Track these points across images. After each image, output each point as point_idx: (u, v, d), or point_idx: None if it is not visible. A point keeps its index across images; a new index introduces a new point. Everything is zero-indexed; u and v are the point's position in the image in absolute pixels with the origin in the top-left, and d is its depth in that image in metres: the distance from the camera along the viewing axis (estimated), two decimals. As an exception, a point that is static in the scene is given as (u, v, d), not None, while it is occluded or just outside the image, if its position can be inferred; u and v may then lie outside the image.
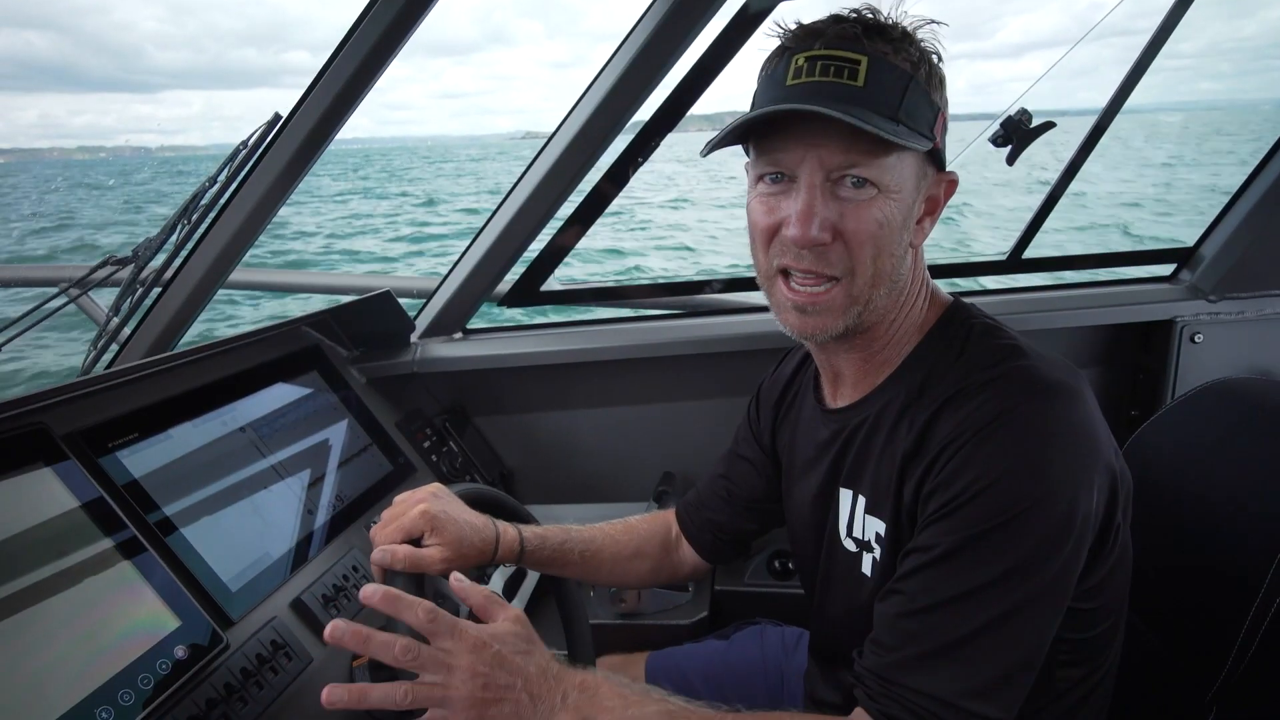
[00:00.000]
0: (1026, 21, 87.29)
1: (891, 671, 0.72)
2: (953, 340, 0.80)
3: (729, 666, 1.24)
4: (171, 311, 1.45)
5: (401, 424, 1.56)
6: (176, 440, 1.10)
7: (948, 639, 0.69)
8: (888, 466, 0.80)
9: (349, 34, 1.23)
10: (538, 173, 1.51)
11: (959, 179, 0.82)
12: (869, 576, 0.83)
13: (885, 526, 0.80)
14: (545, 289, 1.71)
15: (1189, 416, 1.01)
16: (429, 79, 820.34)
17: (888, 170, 0.72)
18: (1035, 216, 1.60)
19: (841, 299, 0.76)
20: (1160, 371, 1.48)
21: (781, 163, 0.75)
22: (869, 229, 0.73)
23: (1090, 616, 0.77)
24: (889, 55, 0.72)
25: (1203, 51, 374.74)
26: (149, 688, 0.81)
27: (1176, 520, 0.95)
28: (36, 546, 0.82)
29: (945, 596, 0.69)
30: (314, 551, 1.17)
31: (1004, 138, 1.37)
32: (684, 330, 1.66)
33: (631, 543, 1.13)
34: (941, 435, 0.73)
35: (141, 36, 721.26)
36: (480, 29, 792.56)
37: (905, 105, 0.72)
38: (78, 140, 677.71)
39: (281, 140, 1.30)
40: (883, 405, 0.82)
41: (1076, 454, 0.69)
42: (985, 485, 0.68)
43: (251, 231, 1.40)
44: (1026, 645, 0.69)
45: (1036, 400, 0.70)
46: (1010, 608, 0.67)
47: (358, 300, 1.52)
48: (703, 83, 1.45)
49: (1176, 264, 1.59)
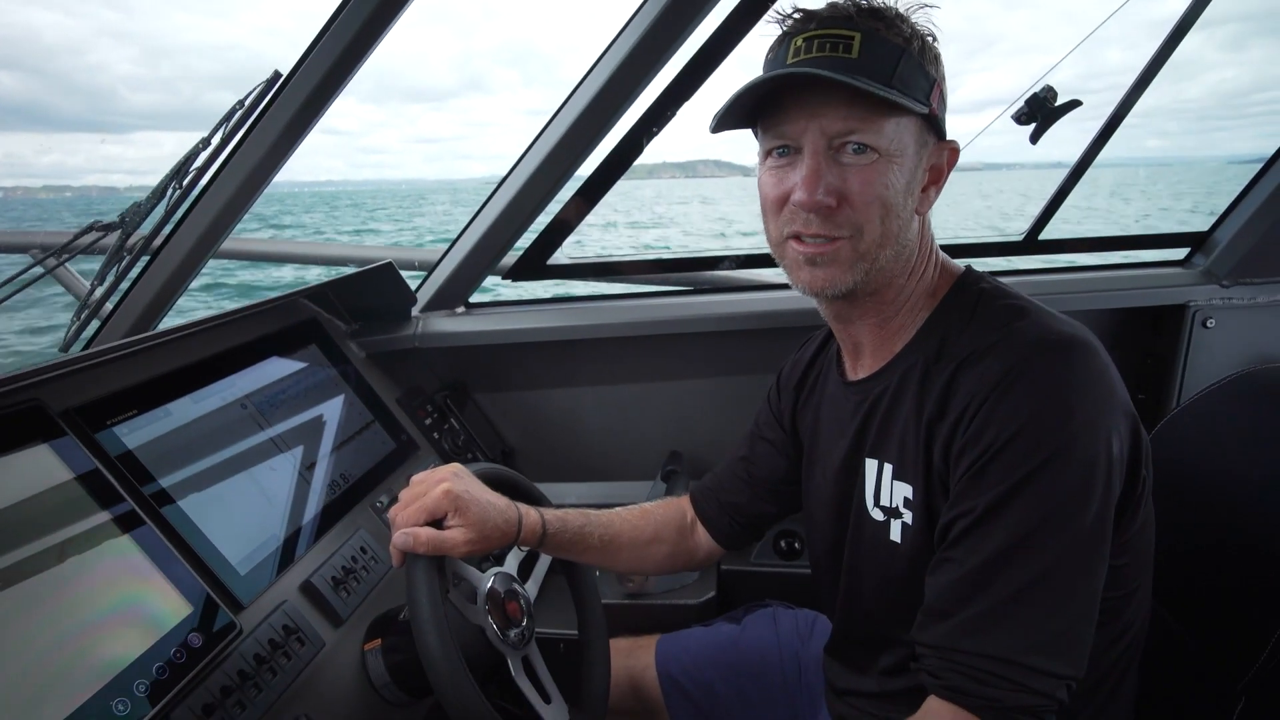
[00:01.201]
0: (986, 80, 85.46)
1: (951, 639, 0.72)
2: (965, 305, 0.82)
3: (741, 653, 1.23)
4: (159, 283, 1.39)
5: (402, 400, 1.52)
6: (175, 415, 1.05)
7: (1001, 596, 0.70)
8: (913, 431, 0.81)
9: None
10: (546, 144, 1.46)
11: (960, 148, 0.85)
12: (899, 544, 0.84)
13: (914, 490, 0.81)
14: (552, 263, 1.66)
15: (1218, 405, 1.01)
16: (405, 124, 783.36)
17: (887, 135, 0.75)
18: (1052, 199, 1.58)
19: (849, 252, 0.78)
20: (1171, 356, 1.49)
21: (786, 134, 0.78)
22: (874, 190, 0.76)
23: (1118, 575, 0.78)
24: (881, 30, 0.75)
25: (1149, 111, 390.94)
26: (165, 676, 0.77)
27: (1205, 509, 0.95)
28: (38, 526, 0.78)
29: (990, 553, 0.70)
30: (320, 532, 1.13)
31: (1028, 115, 1.35)
32: (691, 308, 1.63)
33: (649, 528, 1.12)
34: (963, 395, 0.75)
35: (115, 78, 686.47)
36: (458, 76, 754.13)
37: (899, 73, 0.75)
38: (44, 179, 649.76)
39: (281, 100, 1.23)
40: (903, 372, 0.84)
41: (1095, 400, 0.70)
42: (1009, 438, 0.70)
43: (247, 197, 1.33)
44: (1080, 594, 0.69)
45: (1049, 353, 0.72)
46: (1056, 556, 0.68)
47: (358, 272, 1.47)
48: (717, 57, 1.40)
49: (1190, 248, 1.59)
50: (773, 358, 1.13)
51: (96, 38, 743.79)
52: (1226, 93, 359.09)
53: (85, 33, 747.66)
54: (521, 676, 0.93)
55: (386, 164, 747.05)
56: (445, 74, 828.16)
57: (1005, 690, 0.69)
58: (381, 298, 1.56)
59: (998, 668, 0.69)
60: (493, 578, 0.97)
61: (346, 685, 0.99)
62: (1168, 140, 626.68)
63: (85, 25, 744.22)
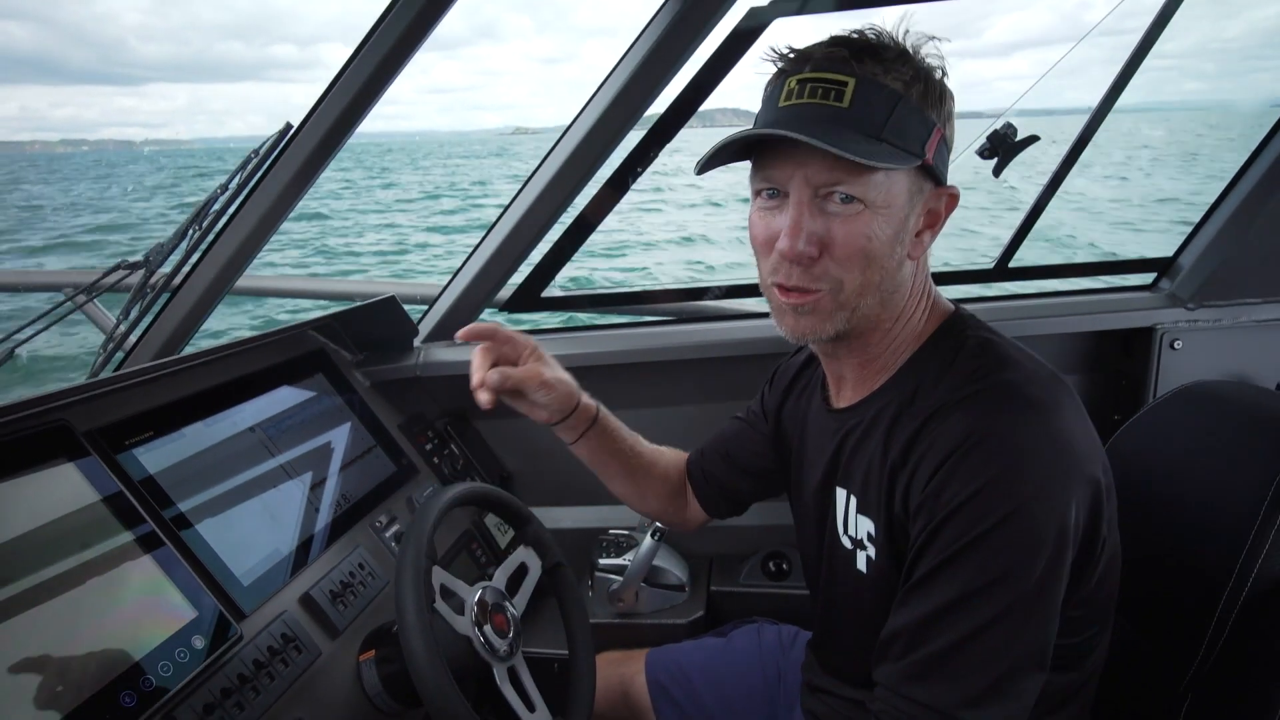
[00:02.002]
0: (1015, 20, 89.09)
1: (894, 682, 0.75)
2: (945, 352, 0.83)
3: (727, 663, 1.27)
4: (179, 318, 1.48)
5: (404, 426, 1.59)
6: (189, 439, 1.13)
7: (937, 649, 0.72)
8: (877, 472, 0.83)
9: (359, 48, 1.27)
10: (541, 180, 1.55)
11: (960, 193, 0.84)
12: (864, 573, 0.87)
13: (877, 528, 0.84)
14: (546, 295, 1.75)
15: (1164, 419, 1.06)
16: (417, 73, 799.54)
17: (874, 187, 0.75)
18: (1021, 226, 1.65)
19: (829, 304, 0.79)
20: (1142, 377, 1.53)
21: (774, 179, 0.79)
22: (857, 243, 0.76)
23: (1077, 624, 0.80)
24: (879, 76, 0.74)
25: (1187, 52, 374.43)
26: (168, 675, 0.84)
27: (1151, 517, 0.99)
28: (60, 539, 0.85)
29: (934, 607, 0.73)
30: (322, 549, 1.20)
31: (990, 150, 1.43)
32: (684, 336, 1.69)
33: (662, 464, 1.22)
34: (925, 450, 0.76)
35: (124, 28, 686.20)
36: (469, 23, 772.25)
37: (891, 124, 0.74)
38: (60, 134, 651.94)
39: (291, 150, 1.34)
40: (876, 411, 0.86)
41: (1051, 467, 0.71)
42: (962, 502, 0.71)
43: (260, 238, 1.43)
44: (1016, 653, 0.71)
45: (1010, 416, 0.73)
46: (993, 616, 0.70)
47: (362, 305, 1.56)
48: (701, 94, 1.50)
49: (1156, 273, 1.65)
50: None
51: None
52: (1270, 30, 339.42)
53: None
54: (506, 685, 0.98)
55: (400, 115, 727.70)
56: (456, 20, 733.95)
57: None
58: (385, 329, 1.64)
59: (933, 717, 0.72)
60: (481, 590, 1.03)
61: (341, 693, 1.04)
62: (1205, 83, 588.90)
63: None
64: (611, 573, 1.57)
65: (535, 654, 1.47)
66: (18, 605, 0.78)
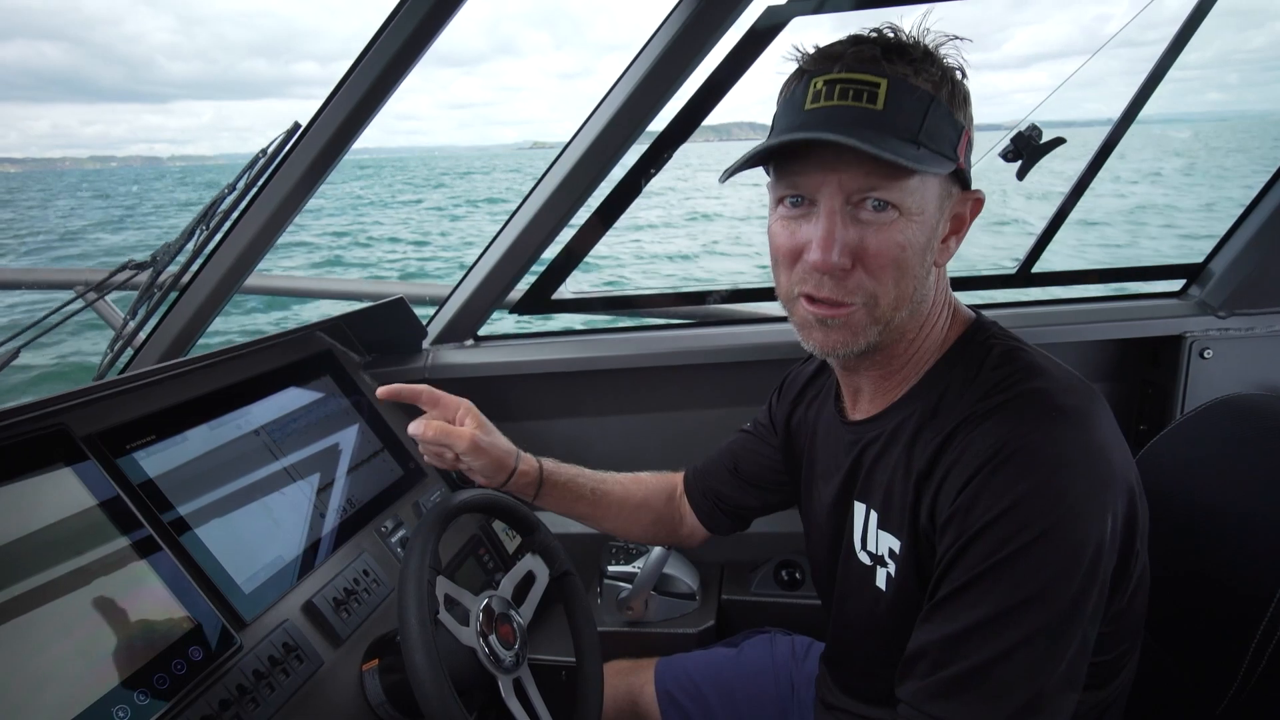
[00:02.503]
0: (1034, 33, 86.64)
1: (918, 699, 0.72)
2: (970, 361, 0.79)
3: (738, 674, 1.24)
4: (187, 316, 1.47)
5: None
6: (192, 442, 1.11)
7: (968, 667, 0.68)
8: (901, 485, 0.80)
9: (368, 47, 1.25)
10: (551, 182, 1.53)
11: (985, 197, 0.81)
12: (884, 591, 0.84)
13: (901, 545, 0.80)
14: (557, 297, 1.72)
15: (1197, 432, 1.01)
16: (437, 89, 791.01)
17: (909, 193, 0.71)
18: (1045, 231, 1.60)
19: (863, 318, 0.75)
20: (1169, 387, 1.48)
21: (801, 186, 0.74)
22: (891, 253, 0.72)
23: (1108, 640, 0.77)
24: (909, 77, 0.71)
25: (1209, 63, 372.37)
26: (165, 687, 0.82)
27: (1184, 535, 0.95)
28: (57, 544, 0.84)
29: (966, 624, 0.69)
30: (325, 555, 1.18)
31: (1014, 153, 1.38)
32: (695, 340, 1.67)
33: (639, 492, 1.18)
34: (953, 461, 0.73)
35: (152, 47, 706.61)
36: (488, 40, 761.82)
37: (926, 127, 0.71)
38: (90, 150, 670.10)
39: (299, 149, 1.32)
40: (898, 423, 0.82)
41: (1088, 479, 0.68)
42: (997, 515, 0.68)
43: (268, 238, 1.42)
44: (1050, 673, 0.67)
45: (1045, 426, 0.69)
46: (1027, 635, 0.67)
47: (370, 306, 1.54)
48: (716, 95, 1.47)
49: (1186, 280, 1.60)
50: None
51: (134, 6, 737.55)
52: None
53: (123, 1, 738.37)
54: (512, 698, 0.95)
55: (419, 130, 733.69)
56: (476, 37, 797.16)
57: None
58: (393, 331, 1.63)
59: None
60: (486, 600, 1.00)
61: (343, 704, 1.02)
62: (1229, 94, 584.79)
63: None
64: (621, 580, 1.54)
65: (543, 661, 1.45)
66: (9, 613, 0.76)
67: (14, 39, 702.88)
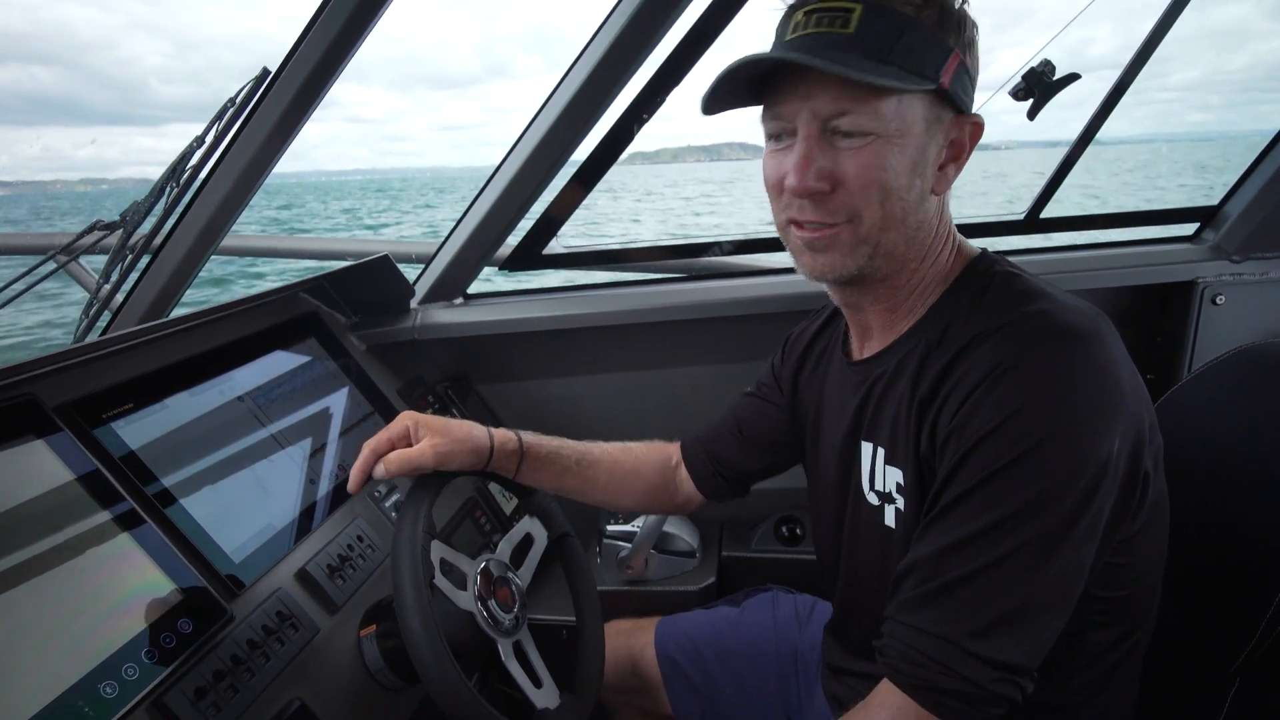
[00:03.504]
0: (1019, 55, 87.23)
1: (900, 611, 0.72)
2: (974, 290, 0.80)
3: (739, 636, 1.23)
4: (164, 279, 1.41)
5: (403, 391, 1.53)
6: (173, 410, 1.07)
7: (953, 577, 0.69)
8: (905, 414, 0.80)
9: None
10: (537, 132, 1.46)
11: (984, 122, 0.79)
12: (893, 529, 0.83)
13: (906, 475, 0.80)
14: (547, 252, 1.67)
15: (1217, 381, 0.98)
16: (429, 111, 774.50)
17: (885, 116, 0.72)
18: (1053, 176, 1.54)
19: (849, 237, 0.76)
20: (1179, 334, 1.45)
21: (781, 117, 0.76)
22: (870, 174, 0.73)
23: (1121, 574, 0.76)
24: (890, 1, 0.72)
25: (1192, 85, 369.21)
26: (153, 660, 0.80)
27: (1202, 487, 0.93)
28: (32, 521, 0.80)
29: (952, 539, 0.70)
30: (317, 521, 1.15)
31: (1025, 91, 1.32)
32: (690, 294, 1.62)
33: (629, 462, 1.15)
34: (956, 381, 0.73)
35: (145, 71, 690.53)
36: (481, 62, 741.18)
37: (900, 46, 0.71)
38: (81, 173, 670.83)
39: (271, 96, 1.24)
40: (904, 355, 0.82)
41: (1089, 397, 0.67)
42: (993, 427, 0.68)
43: (243, 194, 1.35)
44: (1036, 587, 0.67)
45: (1049, 344, 0.69)
46: (1015, 546, 0.67)
47: (355, 265, 1.48)
48: (707, 38, 1.38)
49: (1199, 223, 1.55)
50: (776, 344, 1.12)
51: (127, 31, 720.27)
52: (1273, 64, 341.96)
53: (117, 26, 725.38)
54: (512, 661, 0.94)
55: (412, 152, 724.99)
56: (469, 60, 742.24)
57: (934, 672, 0.69)
58: (380, 290, 1.57)
59: (932, 647, 0.69)
60: (484, 563, 0.98)
61: (341, 670, 1.01)
62: (1210, 114, 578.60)
63: (116, 19, 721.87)
64: (620, 539, 1.53)
65: (543, 620, 1.44)
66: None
67: (6, 63, 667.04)
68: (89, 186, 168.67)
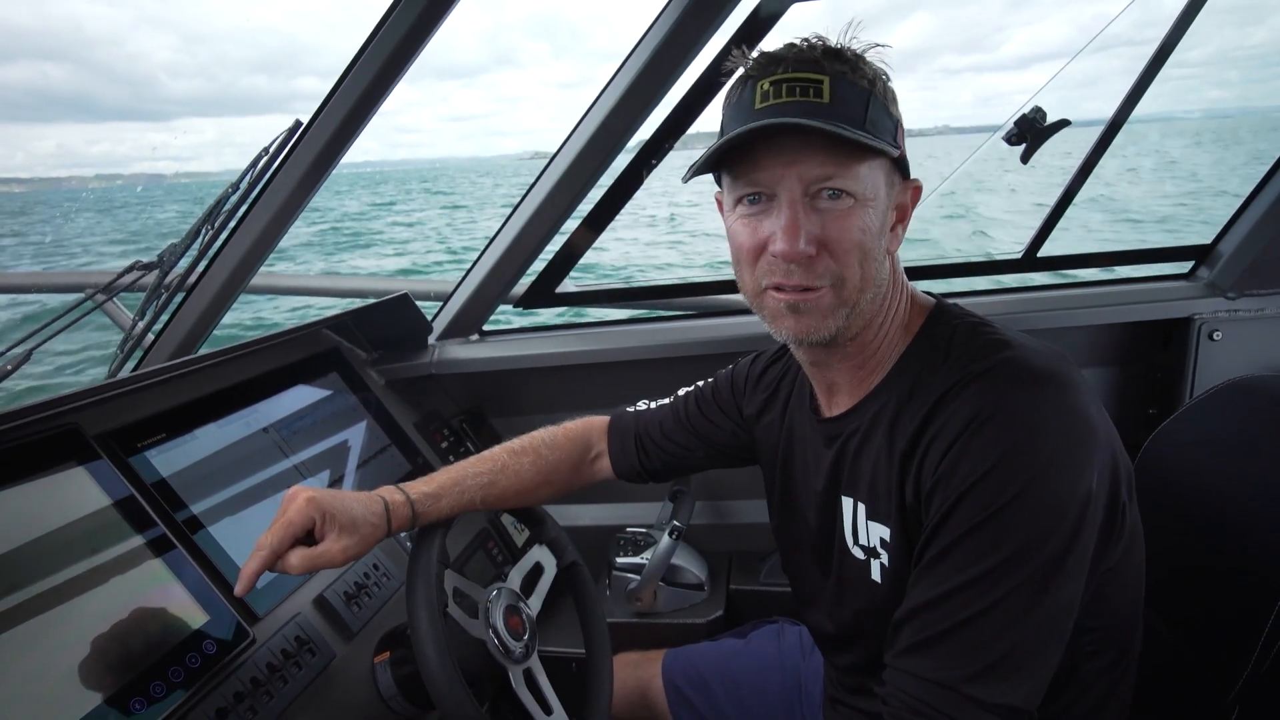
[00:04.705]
0: (1033, 33, 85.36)
1: (898, 659, 0.74)
2: (938, 341, 0.81)
3: (744, 667, 1.24)
4: (195, 316, 1.48)
5: (420, 425, 1.58)
6: (202, 441, 1.12)
7: (945, 625, 0.70)
8: (885, 470, 0.81)
9: (366, 43, 1.25)
10: (552, 176, 1.53)
11: (922, 186, 0.85)
12: (879, 583, 0.84)
13: (891, 531, 0.81)
14: (560, 290, 1.73)
15: (1209, 414, 1.00)
16: (437, 102, 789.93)
17: (862, 180, 0.75)
18: (1050, 215, 1.59)
19: (831, 300, 0.77)
20: (1179, 370, 1.47)
21: (760, 182, 0.77)
22: (853, 237, 0.75)
23: (1106, 603, 0.77)
24: (848, 74, 0.75)
25: (1210, 59, 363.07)
26: (179, 680, 0.83)
27: (1197, 519, 0.94)
28: (71, 543, 0.85)
29: (946, 588, 0.71)
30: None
31: (1018, 136, 1.37)
32: (699, 331, 1.66)
33: (538, 474, 1.11)
34: (933, 434, 0.74)
35: (154, 66, 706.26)
36: (488, 51, 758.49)
37: (870, 117, 0.74)
38: (95, 169, 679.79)
39: (301, 147, 1.33)
40: (876, 410, 0.83)
41: (1066, 437, 0.69)
42: (977, 478, 0.69)
43: (272, 236, 1.43)
44: (1030, 628, 0.68)
45: (1023, 390, 0.71)
46: (1008, 591, 0.68)
47: (376, 303, 1.55)
48: (714, 88, 1.46)
49: (1194, 261, 1.58)
50: None
51: (136, 26, 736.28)
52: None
53: (125, 21, 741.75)
54: (522, 688, 0.96)
55: (421, 143, 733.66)
56: (476, 49, 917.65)
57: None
58: (399, 327, 1.63)
59: (932, 695, 0.70)
60: (495, 592, 1.01)
61: (356, 696, 1.03)
62: (1229, 90, 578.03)
63: (124, 14, 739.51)
64: (629, 571, 1.54)
65: (553, 653, 1.46)
66: (25, 612, 0.77)
67: (18, 60, 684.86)
68: (103, 182, 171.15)
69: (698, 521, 1.68)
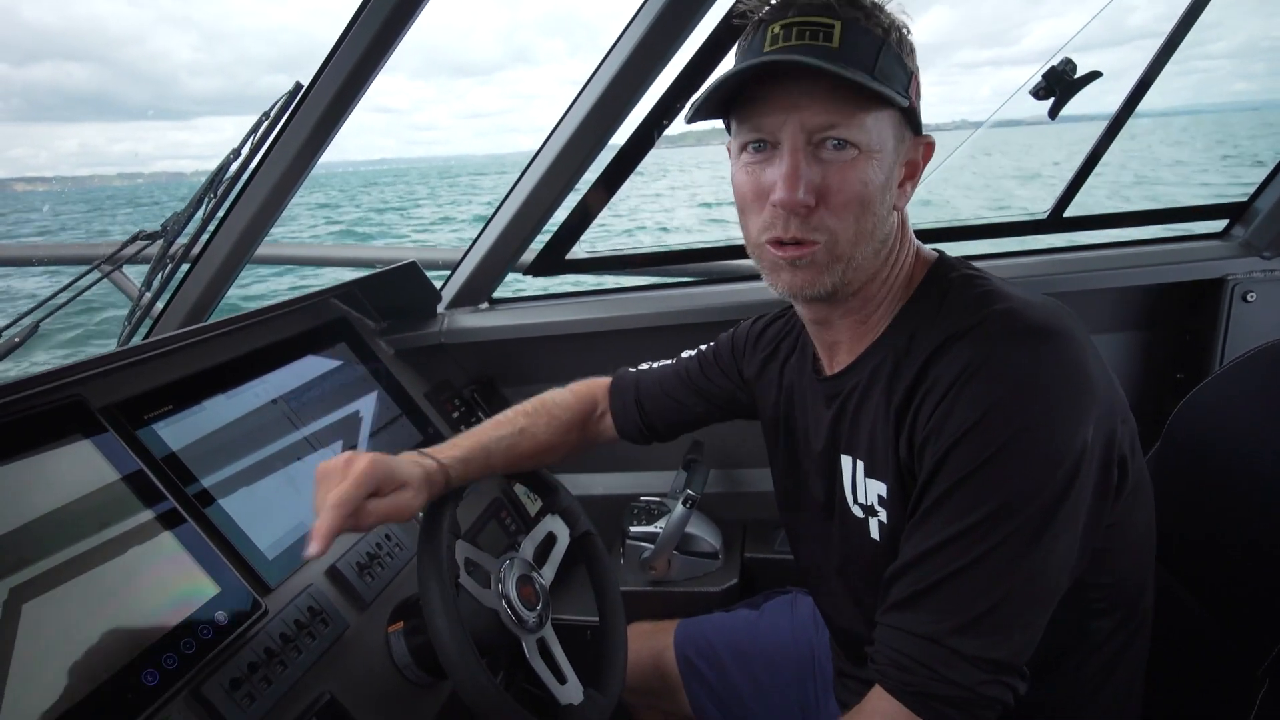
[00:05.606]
0: (1053, 26, 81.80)
1: (888, 614, 0.73)
2: (935, 295, 0.81)
3: (756, 639, 1.24)
4: (201, 286, 1.47)
5: (430, 395, 1.57)
6: (210, 412, 1.11)
7: (933, 579, 0.69)
8: (883, 426, 0.80)
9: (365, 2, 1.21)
10: (560, 140, 1.49)
11: (935, 142, 0.82)
12: (878, 541, 0.83)
13: (887, 487, 0.80)
14: (570, 257, 1.69)
15: (1242, 379, 0.96)
16: (454, 99, 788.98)
17: (867, 130, 0.73)
18: (1077, 174, 1.53)
19: (825, 256, 0.76)
20: (1209, 333, 1.42)
21: (764, 128, 0.75)
22: (854, 189, 0.74)
23: (1113, 559, 0.76)
24: (861, 19, 0.73)
25: (1236, 51, 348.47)
26: (192, 651, 0.83)
27: (1227, 489, 0.91)
28: (79, 517, 0.84)
29: (935, 541, 0.70)
30: (348, 520, 1.18)
31: (1046, 90, 1.31)
32: (711, 297, 1.63)
33: (553, 434, 1.13)
34: (928, 385, 0.74)
35: (175, 65, 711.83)
36: (503, 49, 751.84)
37: (880, 65, 0.73)
38: (117, 167, 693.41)
39: (303, 110, 1.29)
40: (874, 366, 0.83)
41: (1061, 391, 0.68)
42: (968, 427, 0.69)
43: (276, 204, 1.40)
44: (1019, 580, 0.67)
45: (1016, 341, 0.70)
46: (996, 543, 0.67)
47: (384, 271, 1.52)
48: (727, 44, 1.40)
49: (1229, 219, 1.52)
50: None
51: (157, 25, 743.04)
52: None
53: (147, 20, 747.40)
54: (536, 657, 0.96)
55: (437, 140, 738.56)
56: (491, 47, 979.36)
57: (922, 677, 0.68)
58: (408, 296, 1.61)
59: (918, 650, 0.69)
60: (507, 562, 1.00)
61: (370, 665, 1.03)
62: (1254, 83, 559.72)
63: (146, 14, 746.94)
64: (643, 540, 1.54)
65: (567, 621, 1.46)
66: (38, 586, 0.77)
67: (42, 60, 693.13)
68: (125, 181, 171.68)
69: (712, 490, 1.66)
